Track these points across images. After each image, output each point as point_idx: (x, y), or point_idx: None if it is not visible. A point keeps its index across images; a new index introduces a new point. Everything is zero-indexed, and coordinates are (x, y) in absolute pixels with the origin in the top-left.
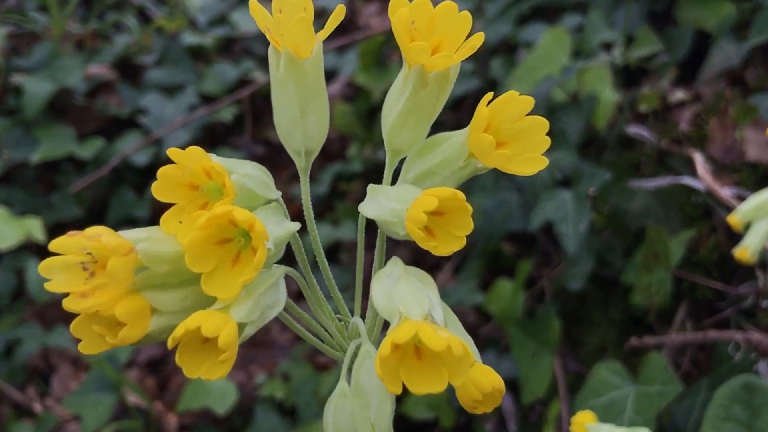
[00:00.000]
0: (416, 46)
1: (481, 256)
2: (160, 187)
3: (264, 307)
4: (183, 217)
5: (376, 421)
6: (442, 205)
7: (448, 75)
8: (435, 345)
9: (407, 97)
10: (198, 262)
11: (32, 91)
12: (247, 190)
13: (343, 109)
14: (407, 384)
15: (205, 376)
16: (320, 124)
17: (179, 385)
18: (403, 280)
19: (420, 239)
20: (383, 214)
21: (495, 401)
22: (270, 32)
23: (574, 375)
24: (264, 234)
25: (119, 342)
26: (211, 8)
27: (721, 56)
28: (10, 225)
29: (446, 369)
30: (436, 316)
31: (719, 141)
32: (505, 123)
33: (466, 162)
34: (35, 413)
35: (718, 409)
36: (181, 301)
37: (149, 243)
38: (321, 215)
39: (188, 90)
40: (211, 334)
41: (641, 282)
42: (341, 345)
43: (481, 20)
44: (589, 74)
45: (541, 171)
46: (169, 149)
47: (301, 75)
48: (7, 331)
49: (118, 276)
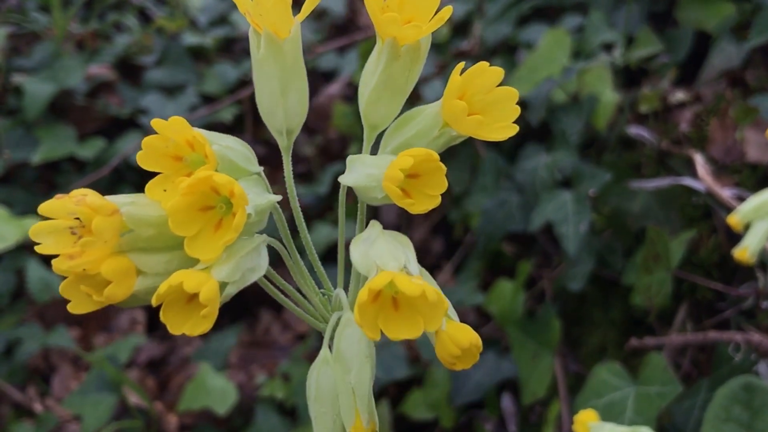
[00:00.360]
0: (388, 17)
1: (482, 256)
2: (145, 156)
3: (245, 269)
4: (167, 185)
5: (356, 386)
6: (418, 166)
7: (419, 47)
8: (410, 290)
9: (381, 71)
10: (181, 226)
11: (33, 92)
12: (229, 161)
13: (344, 110)
14: (385, 330)
15: (188, 332)
16: (300, 102)
17: (180, 385)
18: (380, 240)
19: (397, 197)
20: (361, 180)
21: (473, 357)
22: (250, 15)
23: (574, 375)
24: (243, 197)
25: (105, 299)
26: (211, 8)
27: (722, 57)
28: (10, 225)
29: (421, 316)
30: (412, 268)
31: (719, 142)
32: (477, 95)
33: (440, 131)
34: (36, 413)
35: (718, 410)
36: (166, 263)
37: (134, 207)
38: (321, 215)
39: (189, 90)
40: (193, 289)
41: (641, 283)
42: (324, 316)
43: (482, 21)
44: (589, 75)
45: (541, 171)
46: (153, 120)
47: (280, 55)
48: (7, 331)
49: (103, 235)
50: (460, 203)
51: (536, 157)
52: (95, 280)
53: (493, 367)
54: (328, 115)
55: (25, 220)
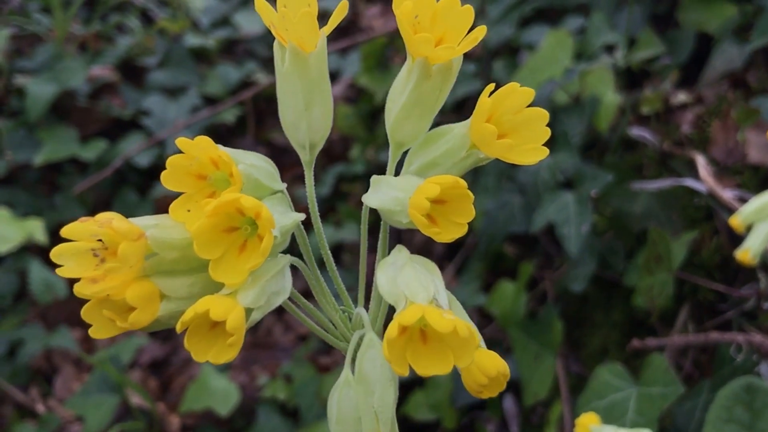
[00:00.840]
0: (420, 37)
1: (484, 257)
2: (169, 175)
3: (270, 293)
4: (191, 205)
5: (380, 409)
6: (444, 192)
7: (451, 67)
8: (441, 327)
9: (411, 90)
10: (206, 249)
11: (35, 93)
12: (254, 180)
13: (346, 111)
14: (414, 366)
15: (213, 360)
16: (324, 117)
17: (182, 386)
18: (407, 267)
19: (423, 226)
20: (386, 203)
21: (500, 385)
22: (275, 27)
23: (576, 376)
24: (271, 221)
25: (129, 326)
26: (213, 10)
27: (723, 58)
28: (13, 226)
29: (451, 351)
30: (441, 300)
31: (721, 143)
32: (506, 114)
33: (468, 152)
34: (38, 414)
35: (720, 411)
36: (190, 287)
37: (158, 230)
38: (324, 217)
39: (191, 91)
40: (220, 317)
41: (643, 284)
42: (345, 335)
43: (484, 22)
44: (591, 76)
45: (543, 173)
46: (178, 139)
47: (305, 69)
48: (10, 332)
49: (129, 260)
50: None
51: None
52: (118, 305)
53: None
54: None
55: (28, 222)
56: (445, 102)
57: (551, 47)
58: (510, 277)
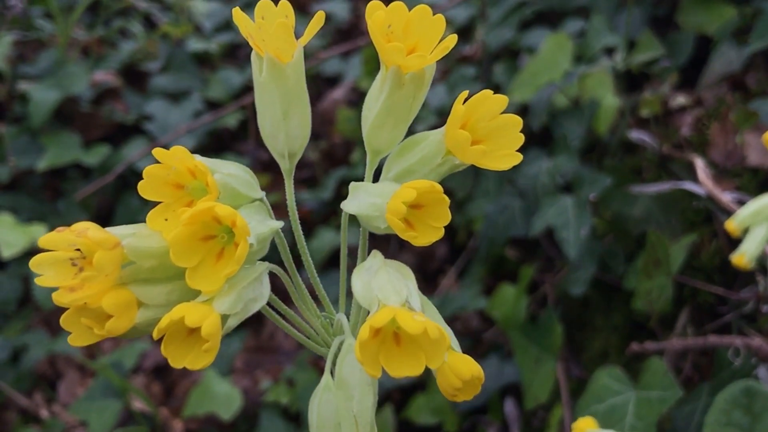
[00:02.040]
0: (392, 47)
1: (485, 261)
2: (147, 185)
3: (247, 300)
4: (168, 214)
5: (359, 413)
6: (421, 197)
7: (424, 76)
8: (412, 328)
9: (385, 98)
10: (183, 257)
11: (38, 99)
12: (231, 189)
13: (347, 115)
14: (386, 368)
15: (190, 366)
16: (302, 126)
17: (185, 391)
18: (381, 271)
19: (400, 230)
20: (364, 209)
21: (474, 389)
22: (252, 38)
23: (576, 380)
24: (245, 229)
25: (106, 333)
26: (216, 14)
27: (722, 61)
28: (16, 232)
29: (423, 353)
30: (414, 303)
31: (720, 146)
32: (480, 121)
33: (444, 159)
34: (42, 419)
35: (719, 414)
36: (167, 294)
37: (135, 238)
38: (325, 220)
39: (193, 96)
40: (195, 324)
41: (642, 287)
42: (326, 341)
43: (484, 25)
44: (590, 79)
45: (542, 176)
46: (155, 149)
47: (282, 79)
48: (14, 337)
49: (105, 269)
50: (463, 208)
51: (538, 162)
52: (96, 313)
53: (496, 371)
54: (332, 120)
55: (32, 227)
56: (444, 105)
57: (551, 50)
58: (511, 280)
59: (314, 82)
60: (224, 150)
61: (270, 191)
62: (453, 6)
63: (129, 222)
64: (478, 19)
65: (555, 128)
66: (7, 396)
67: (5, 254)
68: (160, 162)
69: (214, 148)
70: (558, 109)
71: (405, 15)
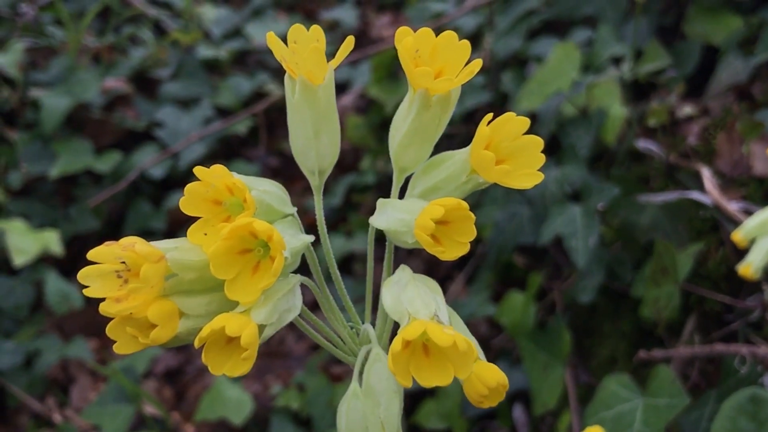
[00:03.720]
0: (420, 71)
1: (493, 267)
2: (187, 202)
3: (281, 311)
4: (207, 229)
5: (386, 420)
6: (448, 214)
7: (450, 98)
8: (442, 341)
9: (412, 119)
10: (222, 270)
11: (50, 106)
12: (266, 204)
13: (356, 122)
14: (417, 378)
15: (229, 373)
16: (332, 144)
17: (196, 396)
18: (410, 285)
19: (428, 245)
20: (393, 224)
21: (499, 396)
22: (286, 61)
23: (585, 386)
24: (281, 244)
25: (150, 342)
26: (225, 21)
27: (729, 71)
28: (29, 238)
29: (452, 364)
30: (442, 316)
31: (727, 155)
32: (503, 141)
33: (468, 177)
34: (55, 424)
35: (725, 422)
36: (207, 305)
37: (178, 252)
38: (335, 227)
39: (203, 103)
40: (234, 333)
41: (649, 295)
42: (353, 350)
43: (492, 34)
44: (598, 89)
45: (551, 185)
46: (196, 167)
47: (314, 100)
48: (26, 342)
49: (151, 281)
50: None
51: (546, 171)
52: (140, 323)
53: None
54: (341, 126)
55: (44, 233)
56: (454, 113)
57: (559, 60)
58: (519, 287)
59: None
60: (234, 156)
61: None
62: (461, 15)
63: (140, 227)
64: (486, 28)
65: (563, 137)
66: (20, 400)
67: (18, 262)
68: (200, 179)
69: (224, 155)
70: (566, 118)
71: (432, 40)
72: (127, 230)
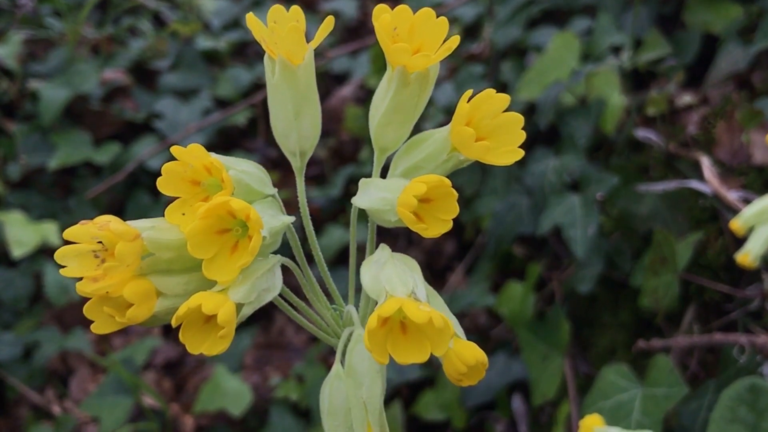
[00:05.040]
0: (398, 47)
1: (493, 258)
2: (165, 182)
3: (260, 290)
4: (185, 209)
5: (368, 400)
6: (430, 191)
7: (428, 75)
8: (417, 318)
9: (391, 97)
10: (199, 249)
11: (49, 97)
12: (245, 185)
13: (356, 112)
14: (393, 355)
15: (206, 351)
16: (313, 125)
17: (196, 387)
18: (389, 264)
19: (411, 222)
20: (375, 203)
21: (479, 374)
22: (265, 42)
23: (584, 377)
24: (259, 222)
25: (127, 321)
26: (224, 12)
27: (728, 60)
28: (28, 230)
29: (428, 341)
30: (419, 293)
31: (726, 144)
32: (484, 119)
33: (449, 155)
34: (54, 415)
35: (724, 411)
36: (185, 285)
37: (154, 231)
38: (334, 218)
39: (203, 94)
40: (211, 311)
41: (648, 285)
42: (336, 332)
43: (492, 23)
44: (597, 78)
45: (550, 175)
46: (172, 147)
47: (294, 80)
48: (26, 334)
49: (126, 259)
50: (471, 205)
51: (545, 161)
52: (118, 302)
53: (504, 368)
54: (341, 117)
55: (43, 225)
56: (451, 103)
57: (558, 49)
58: (519, 277)
59: (322, 80)
60: (233, 148)
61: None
62: (460, 4)
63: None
64: (485, 18)
65: (562, 127)
66: (20, 392)
67: (16, 253)
68: (178, 159)
69: (224, 146)
70: (565, 108)
71: (410, 17)
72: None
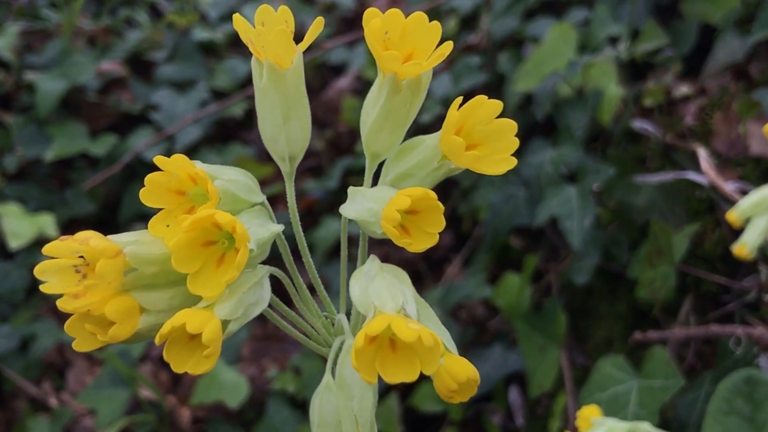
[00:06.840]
0: (389, 54)
1: (490, 249)
2: (148, 193)
3: (247, 305)
4: (170, 220)
5: (359, 413)
6: (416, 204)
7: (420, 81)
8: (406, 336)
9: (382, 104)
10: (184, 263)
11: (45, 89)
12: (231, 194)
13: (353, 104)
14: (381, 374)
15: (191, 370)
16: (302, 130)
17: (193, 379)
18: (378, 277)
19: (395, 237)
20: (362, 214)
21: (470, 391)
22: (252, 44)
23: (580, 368)
24: (245, 235)
25: (109, 339)
26: (221, 3)
27: (726, 50)
28: (24, 222)
29: (418, 359)
30: (410, 309)
31: (723, 135)
32: (476, 126)
33: (440, 163)
34: (51, 408)
35: (721, 403)
36: (169, 300)
37: (137, 246)
38: (331, 209)
39: (199, 85)
40: (195, 330)
41: (645, 277)
42: (327, 341)
43: (489, 14)
44: (594, 69)
45: (546, 166)
46: (156, 156)
47: (282, 84)
48: (22, 326)
49: (107, 277)
50: (468, 197)
51: (542, 152)
52: (99, 320)
53: (501, 360)
54: (338, 109)
55: (39, 217)
56: (449, 94)
57: (555, 40)
58: (516, 269)
59: (319, 71)
60: (230, 139)
61: (274, 181)
62: None
63: (136, 210)
64: (482, 8)
65: (559, 118)
66: (17, 385)
67: (13, 245)
68: (162, 169)
69: (220, 138)
70: (562, 99)
71: (401, 22)
72: (123, 214)
